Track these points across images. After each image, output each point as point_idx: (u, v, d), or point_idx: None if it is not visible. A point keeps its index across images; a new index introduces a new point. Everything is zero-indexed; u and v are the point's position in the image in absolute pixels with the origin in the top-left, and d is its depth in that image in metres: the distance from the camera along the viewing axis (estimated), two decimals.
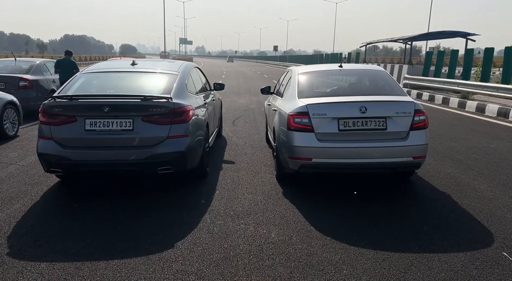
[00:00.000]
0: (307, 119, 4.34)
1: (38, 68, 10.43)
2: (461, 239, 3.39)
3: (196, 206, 4.19)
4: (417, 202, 4.36)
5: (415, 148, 4.28)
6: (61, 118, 4.19)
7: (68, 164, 4.18)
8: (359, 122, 4.28)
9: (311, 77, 5.30)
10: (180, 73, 5.07)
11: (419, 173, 5.11)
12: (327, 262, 3.05)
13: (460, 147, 6.74)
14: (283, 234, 3.53)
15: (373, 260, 3.07)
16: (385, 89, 4.92)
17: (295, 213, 4.01)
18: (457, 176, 5.12)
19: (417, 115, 4.33)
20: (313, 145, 4.30)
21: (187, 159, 4.42)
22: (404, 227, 3.67)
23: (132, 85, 4.86)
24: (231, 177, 5.16)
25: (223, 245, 3.32)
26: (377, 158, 4.29)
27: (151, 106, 4.24)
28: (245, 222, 3.78)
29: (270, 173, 5.34)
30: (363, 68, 5.58)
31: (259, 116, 10.24)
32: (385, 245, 3.30)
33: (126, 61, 5.52)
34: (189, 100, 4.68)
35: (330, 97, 4.67)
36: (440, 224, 3.72)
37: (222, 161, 5.94)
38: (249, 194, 4.55)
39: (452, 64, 16.68)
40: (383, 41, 24.91)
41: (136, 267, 2.98)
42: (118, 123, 4.17)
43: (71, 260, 3.06)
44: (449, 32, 18.92)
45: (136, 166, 4.27)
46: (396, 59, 62.16)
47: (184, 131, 4.36)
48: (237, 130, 8.46)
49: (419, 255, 3.12)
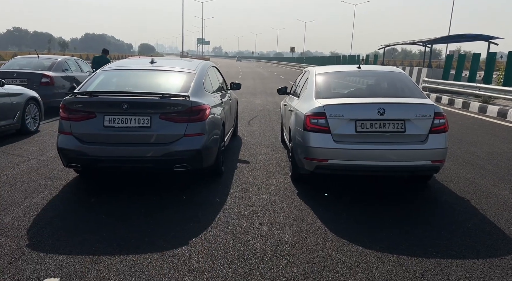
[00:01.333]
0: (324, 120, 4.30)
1: (60, 65, 10.65)
2: (481, 245, 3.30)
3: (210, 204, 4.20)
4: (435, 207, 4.27)
5: (434, 151, 4.20)
6: (81, 114, 4.27)
7: (86, 159, 4.25)
8: (377, 124, 4.22)
9: (328, 78, 5.26)
10: (197, 72, 5.10)
11: (437, 177, 5.02)
12: (342, 264, 3.02)
13: (480, 152, 6.59)
14: (297, 235, 3.50)
15: (389, 264, 3.02)
16: (404, 91, 4.85)
17: (309, 214, 3.98)
18: (477, 182, 5.00)
19: (436, 119, 4.24)
20: (329, 146, 4.26)
21: (203, 157, 4.44)
22: (421, 231, 3.60)
23: (150, 83, 4.91)
24: (246, 176, 5.16)
25: (237, 244, 3.32)
26: (394, 161, 4.22)
27: (168, 104, 4.28)
28: (259, 222, 3.77)
29: (285, 173, 5.32)
30: (382, 70, 5.50)
31: (275, 117, 10.22)
32: (401, 249, 3.25)
33: (145, 60, 5.59)
34: (206, 99, 4.71)
35: (348, 98, 4.63)
36: (458, 229, 3.63)
37: (237, 160, 5.95)
38: (263, 194, 4.54)
39: (473, 68, 16.33)
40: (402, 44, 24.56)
41: (151, 262, 3.01)
42: (136, 120, 4.22)
43: (88, 253, 3.11)
44: (470, 35, 18.52)
45: (153, 163, 4.31)
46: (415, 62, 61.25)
47: (201, 130, 4.39)
48: (252, 130, 8.46)
49: (437, 261, 3.05)
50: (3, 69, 10.16)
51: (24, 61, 10.83)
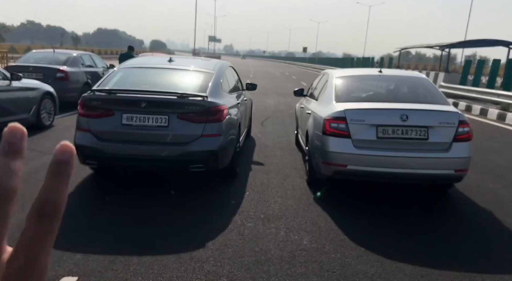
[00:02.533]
0: (344, 125, 4.22)
1: (75, 60, 10.70)
2: (505, 260, 3.19)
3: (226, 206, 4.15)
4: (456, 217, 4.16)
5: (457, 160, 4.09)
6: (99, 111, 4.25)
7: (103, 157, 4.23)
8: (399, 130, 4.13)
9: (348, 81, 5.17)
10: (215, 72, 5.05)
11: (457, 186, 4.90)
12: (363, 274, 2.94)
13: (501, 161, 6.43)
14: (315, 242, 3.43)
15: (410, 275, 2.94)
16: (426, 97, 4.74)
17: (327, 220, 3.91)
18: (499, 192, 4.87)
19: (461, 127, 4.13)
20: (349, 151, 4.18)
21: (219, 158, 4.39)
22: (442, 242, 3.50)
23: (168, 82, 4.87)
24: (261, 179, 5.10)
25: (254, 249, 3.26)
26: (416, 169, 4.12)
27: (187, 104, 4.25)
28: (276, 226, 3.71)
29: (300, 177, 5.25)
30: (404, 75, 5.40)
31: (288, 118, 10.13)
32: (422, 260, 3.16)
33: (163, 58, 5.56)
34: (223, 100, 4.66)
35: (369, 103, 4.54)
36: (481, 242, 3.53)
37: (251, 162, 5.89)
38: (279, 198, 4.47)
39: (493, 74, 16.05)
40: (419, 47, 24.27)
41: (168, 265, 2.96)
42: (154, 119, 4.18)
43: (105, 253, 3.08)
44: (490, 41, 18.21)
45: (169, 163, 4.28)
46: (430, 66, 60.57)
47: (218, 131, 4.34)
48: (265, 131, 8.39)
49: (460, 274, 2.96)
50: (19, 63, 10.24)
51: (40, 56, 10.90)
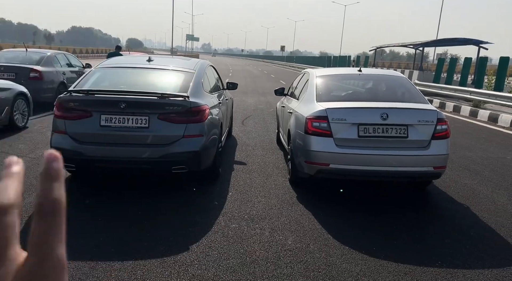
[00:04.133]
0: (326, 124, 4.24)
1: (49, 60, 10.36)
2: (485, 255, 3.28)
3: (209, 208, 4.10)
4: (436, 214, 4.25)
5: (436, 157, 4.18)
6: (76, 113, 4.12)
7: (81, 160, 4.10)
8: (379, 129, 4.18)
9: (329, 81, 5.20)
10: (196, 71, 4.98)
11: (435, 183, 5.01)
12: (348, 273, 2.96)
13: (475, 157, 6.63)
14: (300, 242, 3.44)
15: (394, 273, 2.98)
16: (405, 96, 4.82)
17: (310, 219, 3.92)
18: (475, 188, 5.01)
19: (439, 124, 4.22)
20: (331, 150, 4.21)
21: (202, 159, 4.34)
22: (424, 239, 3.57)
23: (148, 82, 4.78)
24: (243, 179, 5.08)
25: (239, 250, 3.24)
26: (397, 167, 4.19)
27: (167, 104, 4.17)
28: (260, 227, 3.69)
29: (283, 176, 5.25)
30: (383, 74, 5.48)
31: (268, 117, 10.14)
32: (406, 257, 3.21)
33: (141, 57, 5.45)
34: (205, 100, 4.60)
35: (350, 102, 4.58)
36: (461, 238, 3.61)
37: (233, 162, 5.85)
38: (262, 197, 4.46)
39: (465, 72, 16.52)
40: (393, 46, 24.74)
41: (151, 269, 2.90)
42: (134, 120, 4.09)
43: (85, 259, 2.99)
44: (461, 39, 18.76)
45: (150, 164, 4.21)
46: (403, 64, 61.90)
47: (200, 131, 4.29)
48: (246, 130, 8.37)
49: (443, 270, 3.02)
50: None
51: (12, 55, 10.50)
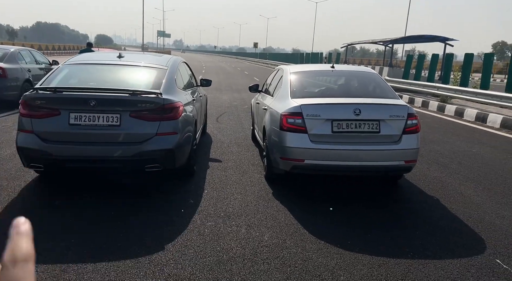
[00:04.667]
0: (301, 120, 4.27)
1: (13, 56, 9.92)
2: (455, 245, 3.40)
3: (184, 206, 4.05)
4: (407, 206, 4.37)
5: (407, 151, 4.29)
6: (43, 111, 3.96)
7: (50, 159, 3.95)
8: (352, 124, 4.25)
9: (303, 77, 5.23)
10: (169, 68, 4.90)
11: (406, 176, 5.14)
12: (324, 267, 2.99)
13: (443, 151, 6.85)
14: (276, 237, 3.45)
15: (369, 266, 3.04)
16: (377, 91, 4.91)
17: (286, 215, 3.94)
18: (443, 180, 5.18)
19: (410, 119, 4.33)
20: (306, 146, 4.24)
21: (176, 157, 4.28)
22: (396, 232, 3.66)
23: (119, 79, 4.65)
24: (219, 176, 5.04)
25: (215, 248, 3.21)
26: (369, 161, 4.27)
27: (140, 102, 4.08)
28: (237, 224, 3.68)
29: (259, 172, 5.25)
30: (355, 70, 5.56)
31: (243, 114, 10.12)
32: (380, 250, 3.28)
33: (112, 53, 5.30)
34: (178, 96, 4.53)
35: (324, 98, 4.62)
36: (432, 229, 3.73)
37: (208, 159, 5.81)
38: (238, 194, 4.45)
39: (432, 68, 17.04)
40: (364, 43, 25.21)
41: (125, 270, 2.84)
42: (104, 118, 3.98)
43: (56, 262, 2.88)
44: (428, 36, 19.34)
45: (123, 163, 4.11)
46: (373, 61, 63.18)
47: (174, 129, 4.22)
48: (221, 127, 8.32)
49: (415, 261, 3.11)
50: None
51: None
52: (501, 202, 4.46)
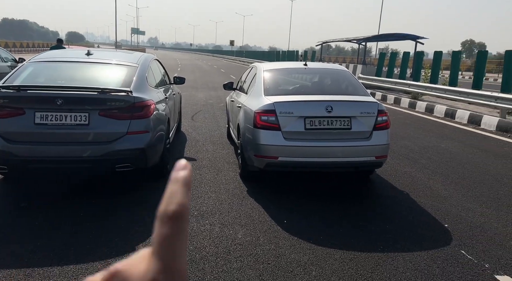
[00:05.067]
0: (274, 118, 4.28)
1: None
2: (423, 238, 3.49)
3: (157, 206, 3.97)
4: (379, 201, 4.46)
5: (377, 147, 4.37)
6: (6, 110, 3.81)
7: (14, 160, 3.81)
8: (325, 121, 4.29)
9: (276, 75, 5.25)
10: (140, 65, 4.81)
11: (378, 171, 5.25)
12: (296, 263, 3.02)
13: (413, 146, 7.03)
14: (250, 235, 3.45)
15: (340, 260, 3.08)
16: (348, 89, 4.98)
17: (260, 212, 3.95)
18: (413, 175, 5.32)
19: (380, 116, 4.42)
20: (279, 143, 4.26)
21: (148, 156, 4.21)
22: (368, 226, 3.73)
23: (87, 77, 4.53)
24: (193, 175, 4.99)
25: (188, 247, 3.18)
26: (341, 157, 4.33)
27: (109, 100, 3.99)
28: (210, 222, 3.66)
29: (233, 170, 5.24)
30: (327, 68, 5.63)
31: (219, 112, 10.07)
32: (351, 244, 3.33)
33: (80, 51, 5.15)
34: (150, 94, 4.46)
35: (297, 95, 4.65)
36: (402, 223, 3.82)
37: (182, 158, 5.74)
38: (212, 193, 4.42)
39: (404, 65, 17.45)
40: (338, 41, 25.54)
41: (93, 272, 2.75)
42: (72, 117, 3.87)
43: (20, 266, 2.79)
44: (400, 35, 19.79)
45: (92, 163, 4.00)
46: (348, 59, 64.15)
47: (145, 127, 4.15)
48: (196, 125, 8.25)
49: (385, 255, 3.17)
50: None
51: None
52: (467, 195, 4.62)
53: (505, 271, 2.96)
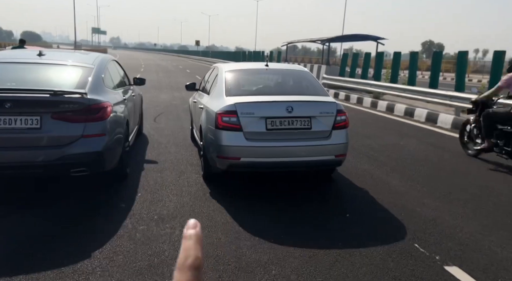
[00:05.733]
0: (236, 118, 4.28)
1: None
2: (379, 233, 3.60)
3: (115, 211, 3.89)
4: (339, 199, 4.56)
5: (337, 146, 4.47)
6: None
7: None
8: (285, 121, 4.34)
9: (238, 75, 5.25)
10: (96, 66, 4.66)
11: (339, 170, 5.36)
12: (256, 263, 3.03)
13: (374, 144, 7.24)
14: (211, 237, 3.43)
15: (300, 258, 3.12)
16: (309, 89, 5.06)
17: (223, 214, 3.94)
18: (372, 172, 5.47)
19: (339, 115, 4.51)
20: (241, 144, 4.27)
21: (105, 160, 4.09)
22: (328, 223, 3.80)
23: (39, 79, 4.34)
24: (154, 178, 4.91)
25: (146, 252, 3.13)
26: (302, 157, 4.39)
27: (62, 102, 3.85)
28: (171, 226, 3.61)
29: (196, 172, 5.19)
30: (288, 68, 5.69)
31: (183, 113, 9.94)
32: (311, 243, 3.38)
33: (31, 51, 4.93)
34: (106, 96, 4.34)
35: (258, 96, 4.67)
36: (360, 219, 3.92)
37: (143, 161, 5.63)
38: (174, 196, 4.36)
39: (365, 65, 17.93)
40: (303, 41, 25.91)
41: None
42: (23, 121, 3.70)
43: None
44: (361, 36, 20.38)
45: (45, 168, 3.85)
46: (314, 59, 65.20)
47: (101, 130, 4.03)
48: (159, 127, 8.11)
49: (343, 251, 3.25)
50: None
51: None
52: (422, 190, 4.80)
53: (454, 262, 3.11)
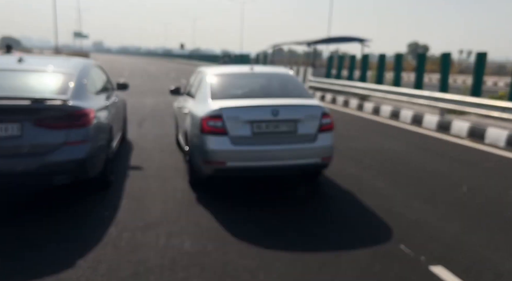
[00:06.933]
0: (221, 123, 4.26)
1: None
2: (365, 236, 3.62)
3: (99, 219, 3.83)
4: (326, 203, 4.57)
5: (322, 149, 4.49)
6: None
7: None
8: (271, 125, 4.34)
9: (223, 79, 5.23)
10: (77, 72, 4.59)
11: (325, 173, 5.37)
12: (243, 269, 3.01)
13: (360, 147, 7.29)
14: (197, 244, 3.40)
15: (287, 263, 3.11)
16: (294, 92, 5.06)
17: (209, 219, 3.90)
18: (358, 175, 5.51)
19: (324, 118, 4.53)
20: (227, 148, 4.25)
21: (88, 167, 4.03)
22: (315, 227, 3.80)
23: (19, 86, 4.24)
24: (139, 185, 4.85)
25: (131, 260, 3.08)
26: (288, 160, 4.40)
27: (43, 109, 3.78)
28: (156, 233, 3.56)
29: (182, 178, 5.14)
30: (273, 72, 5.69)
31: (168, 118, 9.85)
32: (297, 246, 3.38)
33: (10, 58, 4.83)
34: (89, 102, 4.28)
35: (243, 100, 4.66)
36: (347, 222, 3.94)
37: (128, 168, 5.56)
38: (159, 202, 4.31)
39: (351, 68, 18.08)
40: (289, 44, 26.03)
41: None
42: (3, 129, 3.61)
43: None
44: (347, 38, 20.60)
45: (27, 177, 3.76)
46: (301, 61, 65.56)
47: (84, 137, 3.96)
48: (143, 133, 8.03)
49: (330, 254, 3.25)
50: None
51: None
52: (407, 192, 4.85)
53: (439, 261, 3.14)
